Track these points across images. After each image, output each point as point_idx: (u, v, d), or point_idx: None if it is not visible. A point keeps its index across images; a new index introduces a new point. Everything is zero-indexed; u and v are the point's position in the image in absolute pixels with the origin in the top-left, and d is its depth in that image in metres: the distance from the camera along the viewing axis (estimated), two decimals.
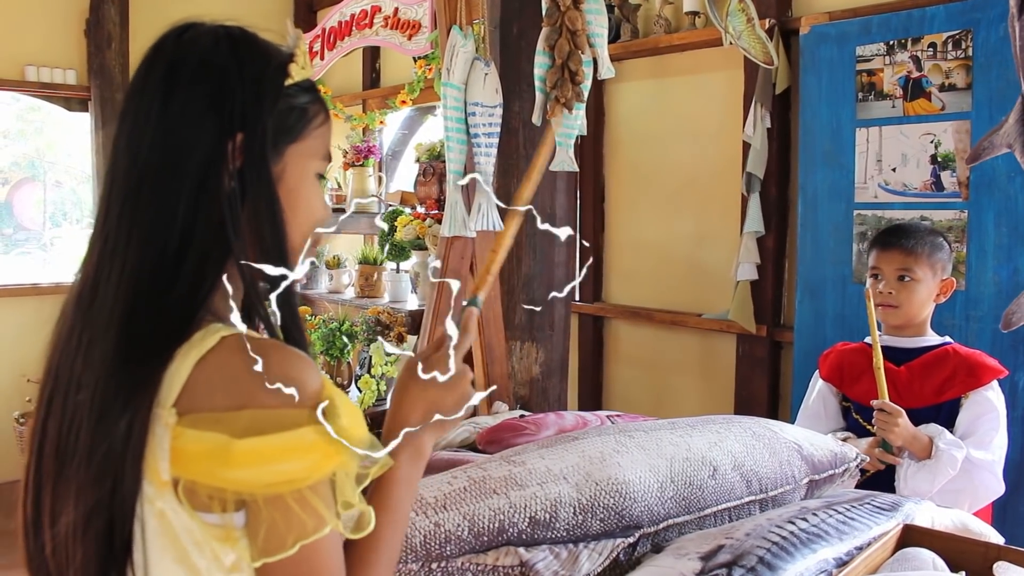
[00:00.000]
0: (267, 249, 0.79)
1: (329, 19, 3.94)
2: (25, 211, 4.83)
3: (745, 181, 2.82)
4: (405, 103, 3.62)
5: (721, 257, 3.05)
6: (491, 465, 1.31)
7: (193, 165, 0.76)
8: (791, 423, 1.76)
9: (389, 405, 0.90)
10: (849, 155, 2.58)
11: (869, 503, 1.41)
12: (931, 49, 2.40)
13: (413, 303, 3.46)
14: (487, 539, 1.19)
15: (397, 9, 3.53)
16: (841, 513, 1.34)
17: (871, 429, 1.84)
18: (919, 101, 2.43)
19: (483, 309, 2.22)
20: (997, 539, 1.50)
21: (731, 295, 2.90)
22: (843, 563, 1.22)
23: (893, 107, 2.48)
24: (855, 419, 1.94)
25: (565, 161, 2.04)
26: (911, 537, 1.33)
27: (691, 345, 3.22)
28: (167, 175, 0.76)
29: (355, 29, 3.78)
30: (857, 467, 1.62)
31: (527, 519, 1.21)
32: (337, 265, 4.00)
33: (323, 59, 3.93)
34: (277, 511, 0.69)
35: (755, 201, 2.81)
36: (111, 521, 0.73)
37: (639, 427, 1.50)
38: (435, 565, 1.16)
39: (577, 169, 2.09)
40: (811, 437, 1.60)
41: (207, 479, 0.69)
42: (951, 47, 2.36)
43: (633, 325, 3.44)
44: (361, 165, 4.07)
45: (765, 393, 2.89)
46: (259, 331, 0.82)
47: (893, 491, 1.74)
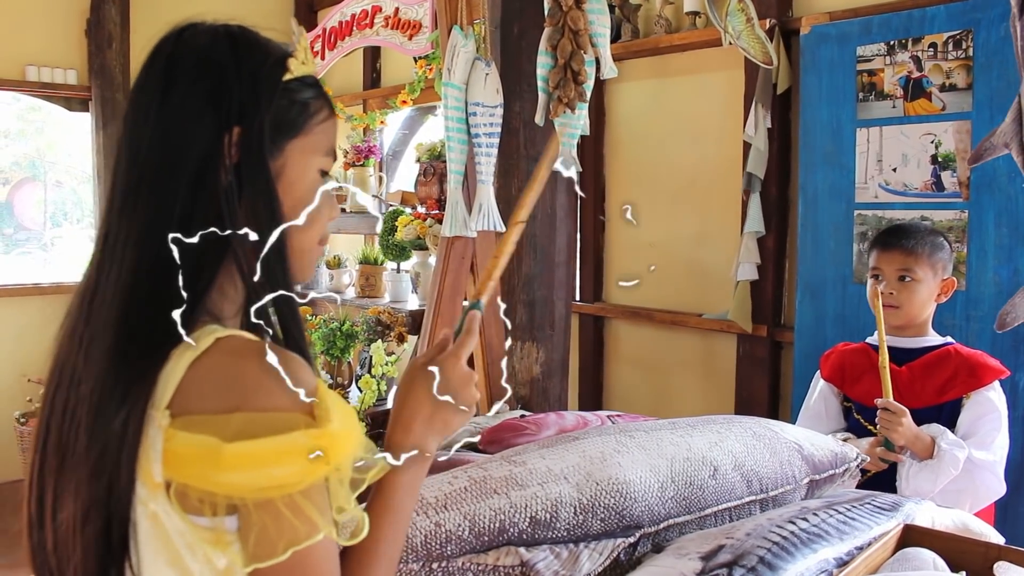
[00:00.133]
0: (264, 246, 0.77)
1: (330, 19, 3.94)
2: (26, 211, 4.83)
3: (745, 181, 2.82)
4: (406, 103, 3.63)
5: (721, 257, 3.05)
6: (492, 465, 1.31)
7: (190, 160, 0.76)
8: (791, 423, 1.76)
9: (392, 406, 0.89)
10: (849, 155, 2.58)
11: (870, 503, 1.41)
12: (932, 49, 2.40)
13: (414, 303, 3.46)
14: (488, 539, 1.19)
15: (398, 9, 3.53)
16: (842, 513, 1.34)
17: (872, 429, 1.84)
18: (920, 101, 2.43)
19: (484, 309, 2.23)
20: (997, 539, 1.50)
21: (731, 295, 2.90)
22: (844, 563, 1.22)
23: (894, 107, 2.48)
24: (856, 419, 1.94)
25: (568, 161, 2.04)
26: (912, 537, 1.33)
27: (691, 345, 3.22)
28: (165, 171, 0.76)
29: (356, 29, 3.78)
30: (858, 467, 1.62)
31: (528, 519, 1.21)
32: (338, 265, 4.00)
33: (324, 59, 3.93)
34: (268, 516, 0.68)
35: (755, 201, 2.81)
36: (108, 519, 0.72)
37: (640, 427, 1.50)
38: (436, 565, 1.16)
39: (579, 168, 2.09)
40: (812, 437, 1.60)
41: (198, 482, 0.68)
42: (952, 47, 2.36)
43: (633, 325, 3.44)
44: (362, 165, 4.08)
45: (765, 393, 2.89)
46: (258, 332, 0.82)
47: (894, 491, 1.74)
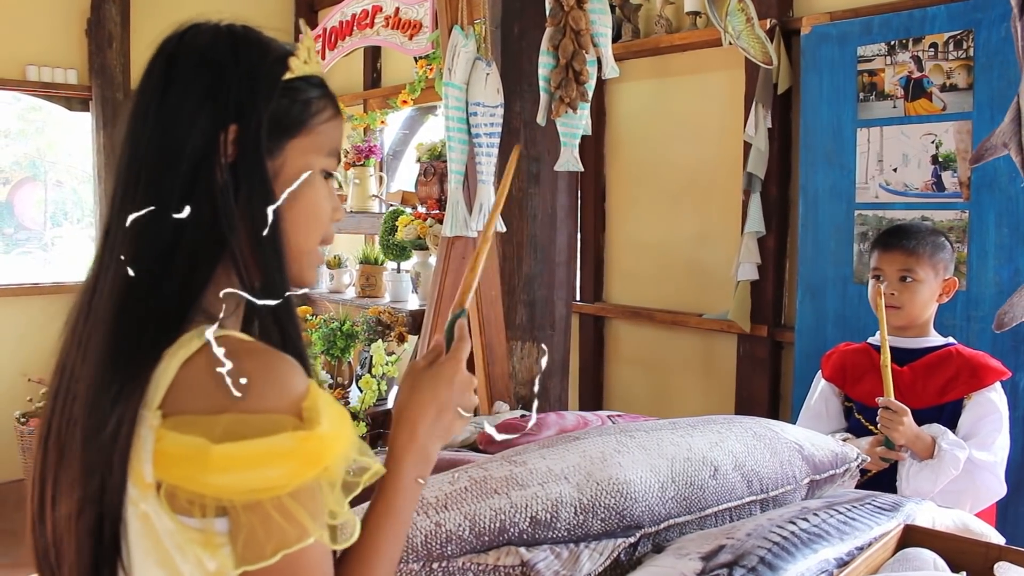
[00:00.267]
0: (262, 247, 0.77)
1: (330, 19, 3.94)
2: (26, 211, 4.83)
3: (746, 181, 2.82)
4: (406, 103, 3.62)
5: (722, 257, 3.05)
6: (492, 465, 1.31)
7: (186, 158, 0.75)
8: (792, 423, 1.76)
9: (394, 409, 0.89)
10: (850, 155, 2.58)
11: (870, 503, 1.41)
12: (932, 49, 2.39)
13: (414, 303, 3.46)
14: (488, 539, 1.19)
15: (398, 9, 3.53)
16: (842, 513, 1.34)
17: (873, 429, 1.84)
18: (920, 101, 2.43)
19: (484, 309, 2.23)
20: (998, 539, 1.50)
21: (732, 295, 2.90)
22: (844, 563, 1.22)
23: (894, 107, 2.48)
24: (857, 419, 1.94)
25: (569, 161, 2.04)
26: (912, 537, 1.33)
27: (692, 345, 3.22)
28: (161, 169, 0.76)
29: (356, 29, 3.78)
30: (858, 467, 1.62)
31: (528, 519, 1.21)
32: (338, 265, 4.00)
33: (324, 59, 3.93)
34: (257, 518, 0.67)
35: (756, 201, 2.81)
36: (100, 518, 0.72)
37: (640, 427, 1.50)
38: (436, 565, 1.16)
39: (582, 168, 2.09)
40: (812, 437, 1.59)
41: (186, 483, 0.67)
42: (952, 47, 2.36)
43: (634, 325, 3.44)
44: (362, 165, 4.08)
45: (766, 393, 2.89)
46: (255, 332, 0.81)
47: (895, 491, 1.74)
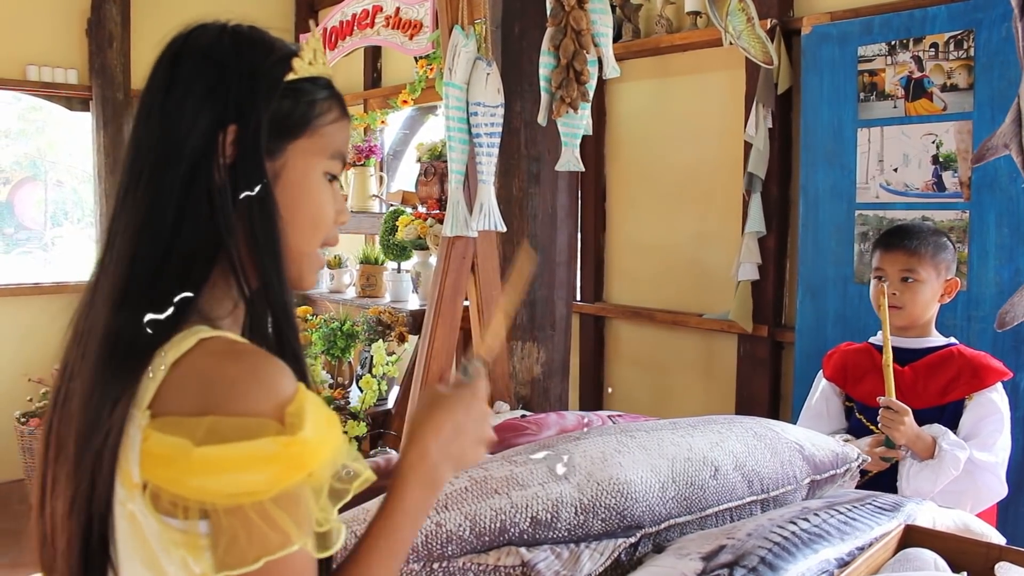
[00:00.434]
0: (259, 248, 0.76)
1: (330, 19, 3.94)
2: (26, 211, 4.83)
3: (746, 181, 2.82)
4: (406, 103, 3.62)
5: (722, 257, 3.05)
6: (492, 465, 1.30)
7: (185, 158, 0.75)
8: (792, 423, 1.76)
9: (407, 425, 0.87)
10: (851, 155, 2.58)
11: (871, 503, 1.41)
12: (933, 49, 2.39)
13: (414, 303, 3.46)
14: (488, 539, 1.19)
15: (398, 9, 3.53)
16: (843, 513, 1.34)
17: (874, 429, 1.84)
18: (921, 101, 2.43)
19: (485, 308, 2.23)
20: (999, 540, 1.49)
21: (732, 295, 2.90)
22: (845, 563, 1.22)
23: (895, 107, 2.48)
24: (858, 419, 1.94)
25: (570, 161, 2.04)
26: (913, 537, 1.33)
27: (692, 345, 3.22)
28: (162, 167, 0.76)
29: (356, 29, 3.78)
30: (859, 467, 1.62)
31: (528, 519, 1.21)
32: (338, 265, 4.00)
33: None
34: (239, 523, 0.66)
35: (756, 201, 2.81)
36: (90, 516, 0.72)
37: (640, 427, 1.50)
38: (436, 565, 1.16)
39: (583, 168, 2.09)
40: (812, 437, 1.59)
41: (169, 485, 0.67)
42: (953, 47, 2.36)
43: (634, 325, 3.44)
44: (362, 165, 4.08)
45: (766, 393, 2.89)
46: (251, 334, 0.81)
47: (895, 491, 1.74)
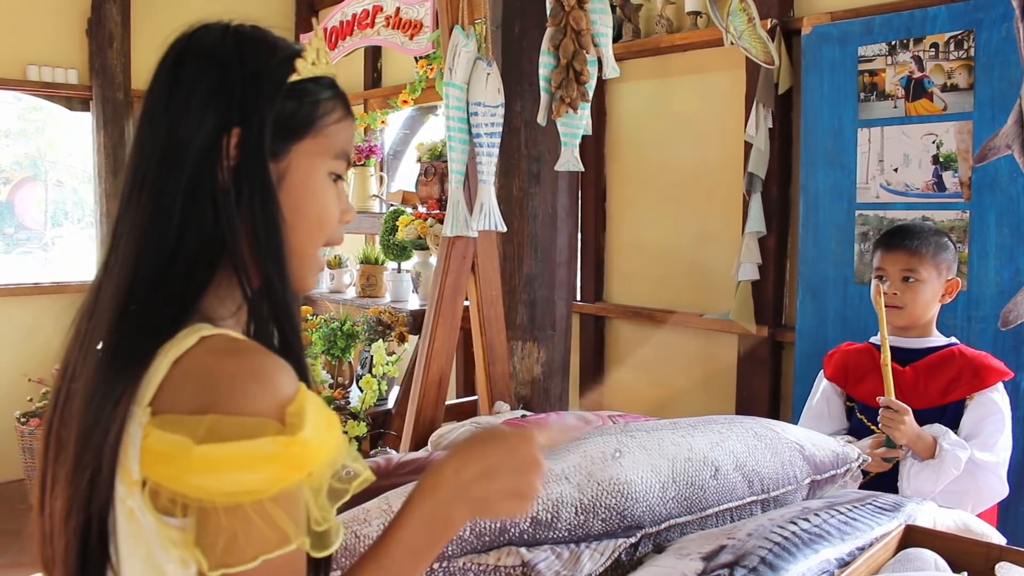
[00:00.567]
0: (262, 250, 0.77)
1: (331, 19, 3.94)
2: (26, 211, 4.83)
3: (747, 181, 2.82)
4: (406, 103, 3.62)
5: (722, 257, 3.04)
6: None
7: (190, 159, 0.75)
8: (792, 423, 1.76)
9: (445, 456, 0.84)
10: (851, 155, 2.58)
11: (871, 503, 1.41)
12: (933, 49, 2.39)
13: (414, 303, 3.46)
14: (489, 539, 1.19)
15: (399, 9, 3.53)
16: (843, 513, 1.34)
17: (875, 429, 1.84)
18: (921, 101, 2.43)
19: (485, 308, 2.22)
20: (999, 540, 1.49)
21: (732, 295, 2.89)
22: (845, 563, 1.22)
23: (895, 107, 2.48)
24: (859, 419, 1.94)
25: (570, 161, 2.04)
26: (913, 537, 1.33)
27: (692, 345, 3.22)
28: (165, 171, 0.76)
29: (356, 29, 3.78)
30: (859, 467, 1.62)
31: (529, 519, 1.21)
32: (338, 265, 4.00)
33: None
34: (237, 521, 0.66)
35: (756, 201, 2.81)
36: (89, 513, 0.72)
37: (641, 427, 1.50)
38: (436, 564, 1.16)
39: (582, 168, 2.09)
40: (813, 437, 1.59)
41: (168, 482, 0.67)
42: (953, 47, 2.36)
43: (634, 325, 3.44)
44: (362, 165, 4.08)
45: (766, 393, 2.89)
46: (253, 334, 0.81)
47: (896, 491, 1.74)
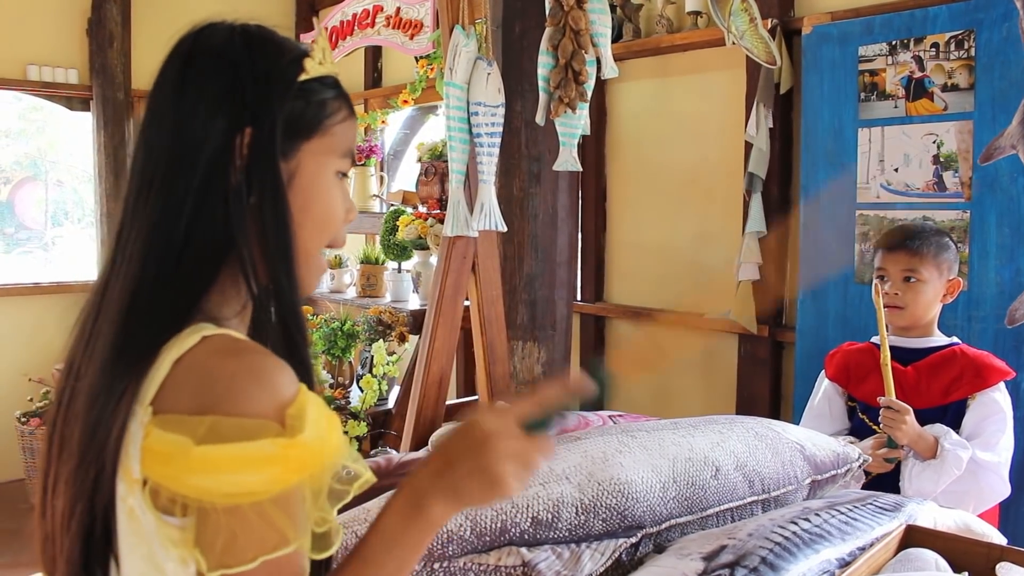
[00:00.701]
0: (270, 249, 0.77)
1: (331, 18, 3.94)
2: (27, 210, 4.83)
3: (747, 181, 2.82)
4: (407, 103, 3.62)
5: (723, 257, 3.04)
6: None
7: (201, 161, 0.75)
8: (793, 423, 1.76)
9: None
10: (851, 155, 2.57)
11: (872, 503, 1.41)
12: (933, 49, 2.39)
13: (415, 303, 3.45)
14: (489, 539, 1.19)
15: (399, 8, 3.53)
16: (843, 513, 1.34)
17: (877, 429, 1.84)
18: (921, 101, 2.43)
19: (485, 308, 2.22)
20: (1000, 540, 1.49)
21: (733, 295, 2.89)
22: (846, 563, 1.22)
23: (895, 107, 2.48)
24: (861, 419, 1.93)
25: (568, 160, 2.04)
26: (914, 537, 1.33)
27: (693, 345, 3.22)
28: (177, 169, 0.76)
29: (357, 28, 3.77)
30: (859, 468, 1.62)
31: (529, 519, 1.21)
32: (339, 265, 4.00)
33: None
34: (237, 522, 0.67)
35: (757, 201, 2.80)
36: (92, 511, 0.72)
37: (641, 427, 1.50)
38: (437, 565, 1.16)
39: (580, 168, 2.09)
40: (813, 437, 1.59)
41: (168, 482, 0.67)
42: (954, 47, 2.35)
43: (635, 325, 3.44)
44: (363, 165, 4.08)
45: (767, 393, 2.89)
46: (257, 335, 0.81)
47: (898, 491, 1.74)
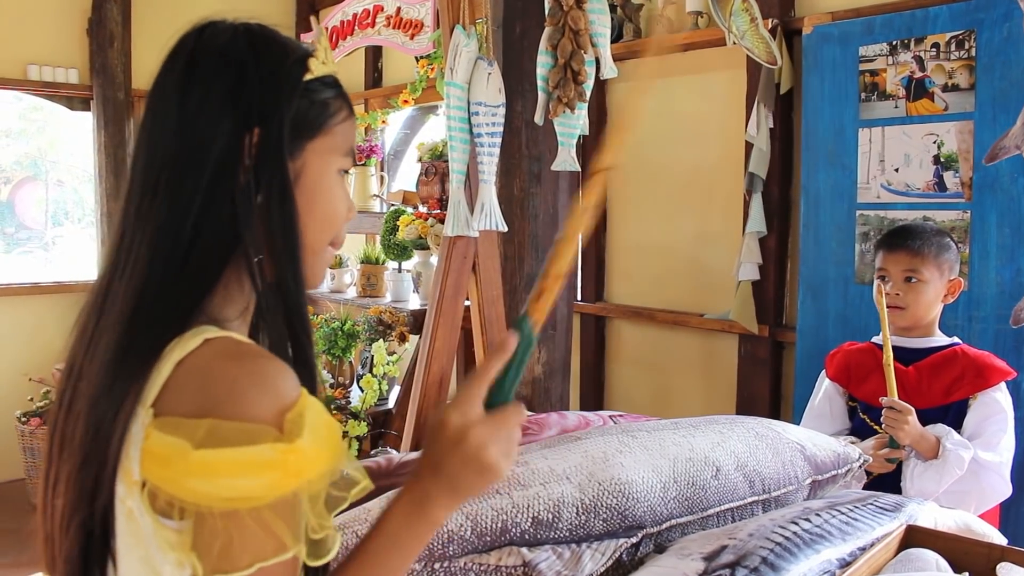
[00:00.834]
0: (277, 248, 0.77)
1: (331, 18, 3.94)
2: (27, 210, 4.83)
3: (747, 181, 2.82)
4: (407, 102, 3.62)
5: (723, 257, 3.04)
6: None
7: (210, 160, 0.75)
8: (793, 423, 1.76)
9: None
10: (852, 155, 2.57)
11: (872, 503, 1.41)
12: (934, 49, 2.39)
13: (415, 303, 3.46)
14: (490, 539, 1.19)
15: (399, 8, 3.53)
16: (844, 514, 1.34)
17: (878, 429, 1.84)
18: (922, 101, 2.43)
19: (486, 308, 2.22)
20: (1000, 540, 1.49)
21: (733, 295, 2.89)
22: (846, 564, 1.22)
23: (896, 107, 2.48)
24: (861, 419, 1.93)
25: (567, 160, 2.04)
26: (914, 538, 1.33)
27: (693, 345, 3.22)
28: (184, 169, 0.76)
29: (357, 28, 3.78)
30: (860, 468, 1.62)
31: (530, 519, 1.21)
32: (339, 264, 4.00)
33: None
34: (234, 527, 0.66)
35: (757, 201, 2.80)
36: (92, 512, 0.72)
37: (642, 427, 1.50)
38: (437, 565, 1.16)
39: (579, 168, 2.09)
40: (814, 437, 1.59)
41: (166, 485, 0.67)
42: (954, 47, 2.35)
43: (635, 325, 3.44)
44: (363, 165, 4.08)
45: (767, 393, 2.89)
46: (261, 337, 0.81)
47: (899, 492, 1.74)
